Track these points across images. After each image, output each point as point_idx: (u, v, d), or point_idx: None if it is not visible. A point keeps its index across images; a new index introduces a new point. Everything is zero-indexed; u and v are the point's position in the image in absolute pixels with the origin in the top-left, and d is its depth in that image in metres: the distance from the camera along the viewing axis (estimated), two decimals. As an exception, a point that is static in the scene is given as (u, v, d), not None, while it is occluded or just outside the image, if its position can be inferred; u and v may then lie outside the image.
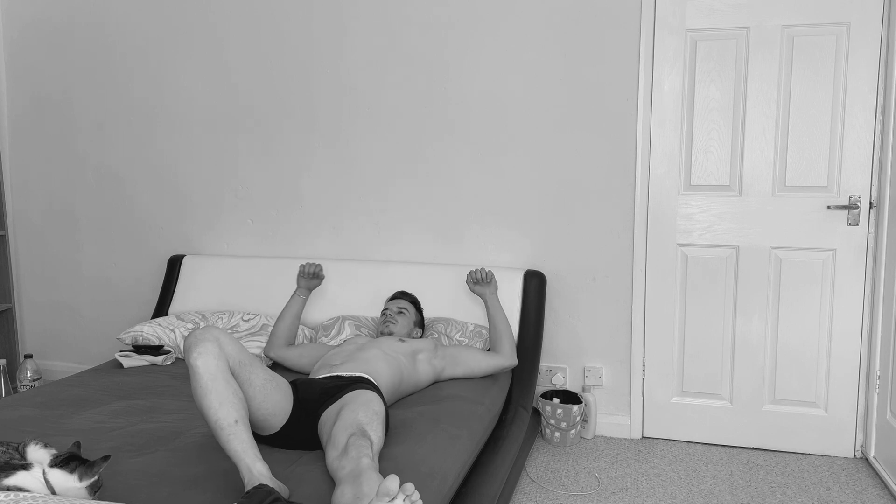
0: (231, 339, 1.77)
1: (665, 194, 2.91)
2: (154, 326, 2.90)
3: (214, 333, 1.73)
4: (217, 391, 1.63)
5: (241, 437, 1.59)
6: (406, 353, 2.39)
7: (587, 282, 3.02)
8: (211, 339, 1.71)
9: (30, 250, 3.78)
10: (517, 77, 3.00)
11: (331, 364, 2.23)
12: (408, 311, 2.70)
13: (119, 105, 3.53)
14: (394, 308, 2.70)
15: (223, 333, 1.76)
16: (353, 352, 2.31)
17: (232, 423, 1.60)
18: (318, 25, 3.20)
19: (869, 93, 2.67)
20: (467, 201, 3.11)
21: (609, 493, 2.52)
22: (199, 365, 1.66)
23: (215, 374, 1.65)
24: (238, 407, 1.64)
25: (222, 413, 1.61)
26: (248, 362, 1.79)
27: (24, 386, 3.17)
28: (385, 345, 2.37)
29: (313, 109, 3.26)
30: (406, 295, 2.82)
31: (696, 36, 2.82)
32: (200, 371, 1.65)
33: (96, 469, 1.47)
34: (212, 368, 1.66)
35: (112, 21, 3.49)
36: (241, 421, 1.62)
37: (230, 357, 1.73)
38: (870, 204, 2.72)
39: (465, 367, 2.52)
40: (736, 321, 2.89)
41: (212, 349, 1.68)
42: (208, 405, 1.63)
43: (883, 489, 2.55)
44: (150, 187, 3.53)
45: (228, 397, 1.64)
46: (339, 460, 1.61)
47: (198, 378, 1.65)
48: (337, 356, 2.31)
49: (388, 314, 2.67)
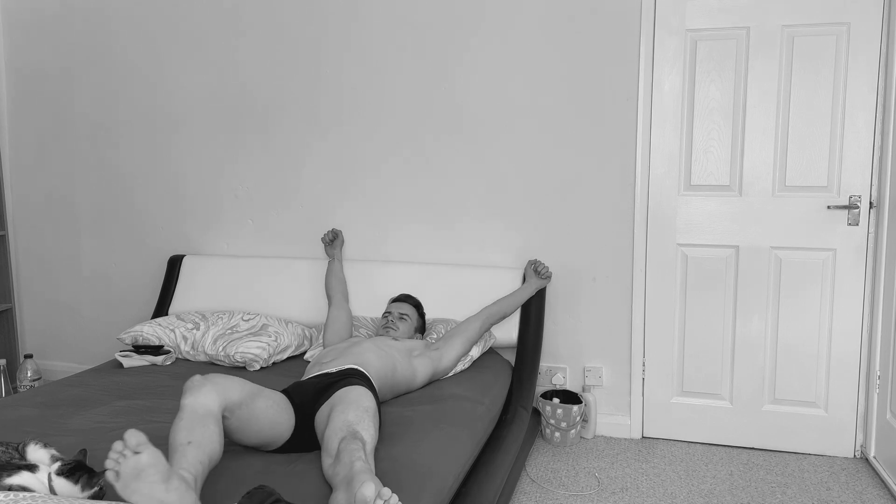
0: (230, 382, 1.74)
1: (665, 194, 2.91)
2: (154, 326, 2.90)
3: (212, 380, 1.70)
4: (190, 422, 1.60)
5: (186, 453, 1.53)
6: (400, 349, 2.39)
7: (587, 282, 3.03)
8: (208, 385, 1.68)
9: (30, 250, 3.78)
10: (517, 77, 3.00)
11: (322, 362, 2.23)
12: (410, 317, 2.70)
13: (120, 105, 3.53)
14: (396, 313, 2.69)
15: (222, 377, 1.73)
16: (346, 349, 2.31)
17: (184, 444, 1.55)
18: (320, 25, 3.20)
19: (869, 93, 2.67)
20: (468, 201, 3.11)
21: (609, 493, 2.52)
22: (185, 404, 1.64)
23: (196, 409, 1.62)
24: (199, 435, 1.57)
25: (181, 435, 1.57)
26: (249, 399, 1.76)
27: (24, 386, 3.17)
28: (379, 341, 2.39)
29: (314, 109, 3.26)
30: (410, 298, 2.81)
31: (696, 36, 2.82)
32: (187, 408, 1.63)
33: (96, 480, 1.48)
34: (198, 405, 1.63)
35: (113, 20, 3.49)
36: (193, 443, 1.56)
37: (230, 400, 1.70)
38: (870, 204, 2.72)
39: (462, 337, 2.59)
40: (736, 321, 2.89)
41: (206, 394, 1.66)
42: (175, 430, 1.59)
43: (883, 489, 2.55)
44: (151, 187, 3.53)
45: (196, 427, 1.59)
46: (333, 468, 1.60)
47: (181, 413, 1.63)
48: (329, 354, 2.31)
49: (390, 319, 2.66)
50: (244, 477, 1.71)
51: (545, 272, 2.88)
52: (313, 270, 3.16)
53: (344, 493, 1.47)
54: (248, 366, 2.70)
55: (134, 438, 1.36)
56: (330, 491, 1.63)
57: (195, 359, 2.82)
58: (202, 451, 1.55)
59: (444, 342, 2.56)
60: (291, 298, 3.12)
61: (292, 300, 3.12)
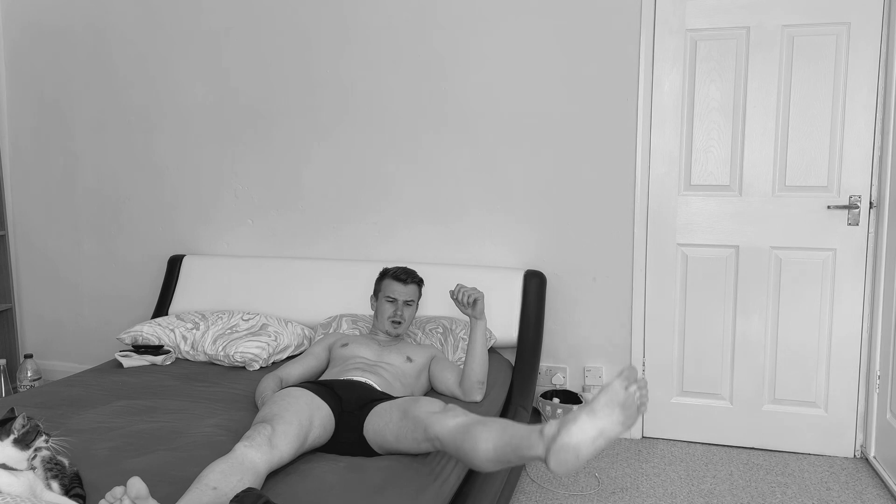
0: (294, 438, 1.69)
1: (665, 194, 2.91)
2: (154, 326, 2.90)
3: (275, 441, 1.64)
4: (230, 468, 1.55)
5: (202, 496, 1.49)
6: (414, 374, 2.34)
7: (587, 282, 3.03)
8: (265, 447, 1.62)
9: (30, 250, 3.78)
10: (517, 77, 3.00)
11: (363, 369, 2.21)
12: (415, 301, 2.50)
13: (119, 105, 3.53)
14: (401, 300, 2.46)
15: (285, 432, 1.68)
16: (383, 377, 2.21)
17: (210, 487, 1.51)
18: (318, 25, 3.20)
19: (869, 93, 2.67)
20: (467, 201, 3.11)
21: (609, 493, 2.52)
22: (237, 451, 1.60)
23: (244, 463, 1.58)
24: (229, 487, 1.52)
25: (213, 476, 1.52)
26: (299, 449, 1.73)
27: (24, 386, 3.17)
28: (399, 373, 2.27)
29: (313, 109, 3.26)
30: (414, 276, 2.50)
31: (696, 36, 2.82)
32: (237, 455, 1.59)
33: (22, 427, 1.42)
34: (246, 460, 1.58)
35: (112, 21, 3.49)
36: (218, 491, 1.51)
37: (282, 460, 1.66)
38: (870, 204, 2.72)
39: (439, 384, 2.39)
40: (736, 321, 2.89)
41: (262, 454, 1.61)
42: (212, 466, 1.55)
43: (883, 489, 2.55)
44: (150, 187, 3.53)
45: (232, 477, 1.54)
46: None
47: (229, 456, 1.58)
48: (359, 369, 2.23)
49: (398, 312, 2.44)
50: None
51: (466, 297, 2.27)
52: (313, 270, 3.16)
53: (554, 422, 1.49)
54: (248, 365, 2.70)
55: (135, 489, 1.34)
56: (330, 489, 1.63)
57: (195, 359, 2.82)
58: (220, 503, 1.51)
59: (434, 375, 2.42)
60: (291, 298, 3.12)
61: (292, 300, 3.12)
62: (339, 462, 1.79)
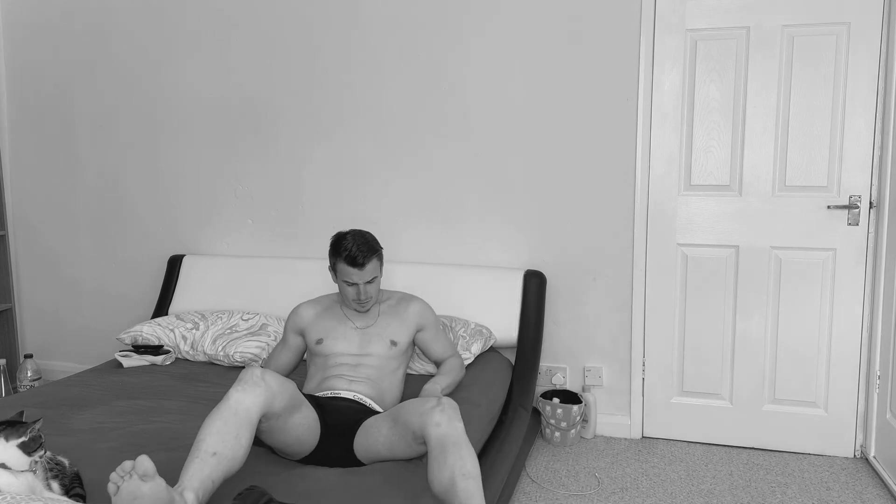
0: (283, 387, 1.72)
1: (665, 194, 2.91)
2: (154, 326, 2.90)
3: (268, 381, 1.69)
4: (225, 424, 1.59)
5: (204, 466, 1.52)
6: (399, 357, 2.28)
7: (587, 282, 3.03)
8: (261, 387, 1.67)
9: (30, 250, 3.78)
10: (517, 77, 3.00)
11: (348, 378, 2.17)
12: (378, 275, 2.25)
13: (119, 105, 3.53)
14: (361, 283, 2.21)
15: (277, 380, 1.72)
16: (367, 377, 2.18)
17: (209, 453, 1.54)
18: (320, 26, 3.20)
19: (869, 93, 2.67)
20: (467, 201, 3.11)
21: (609, 492, 2.52)
22: (231, 398, 1.64)
23: (238, 412, 1.61)
24: (227, 448, 1.56)
25: (210, 440, 1.56)
26: (289, 412, 1.76)
27: (24, 386, 3.17)
28: (384, 364, 2.22)
29: (314, 109, 3.26)
30: (370, 255, 2.21)
31: (696, 36, 2.82)
32: (231, 403, 1.63)
33: (24, 429, 1.44)
34: (241, 408, 1.62)
35: (112, 21, 3.48)
36: (218, 456, 1.55)
37: (274, 407, 1.69)
38: (870, 204, 2.72)
39: (433, 353, 2.41)
40: (736, 321, 2.89)
41: (256, 395, 1.65)
42: (208, 425, 1.59)
43: (883, 489, 2.55)
44: (150, 187, 3.53)
45: (228, 436, 1.58)
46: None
47: (223, 406, 1.62)
48: (345, 369, 2.19)
49: (360, 296, 2.22)
50: (243, 477, 1.71)
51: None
52: (313, 270, 3.16)
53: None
54: (248, 365, 2.70)
55: (143, 466, 1.36)
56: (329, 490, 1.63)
57: (195, 359, 2.82)
58: (222, 467, 1.54)
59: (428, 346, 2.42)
60: (291, 298, 3.12)
61: (292, 300, 3.11)
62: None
